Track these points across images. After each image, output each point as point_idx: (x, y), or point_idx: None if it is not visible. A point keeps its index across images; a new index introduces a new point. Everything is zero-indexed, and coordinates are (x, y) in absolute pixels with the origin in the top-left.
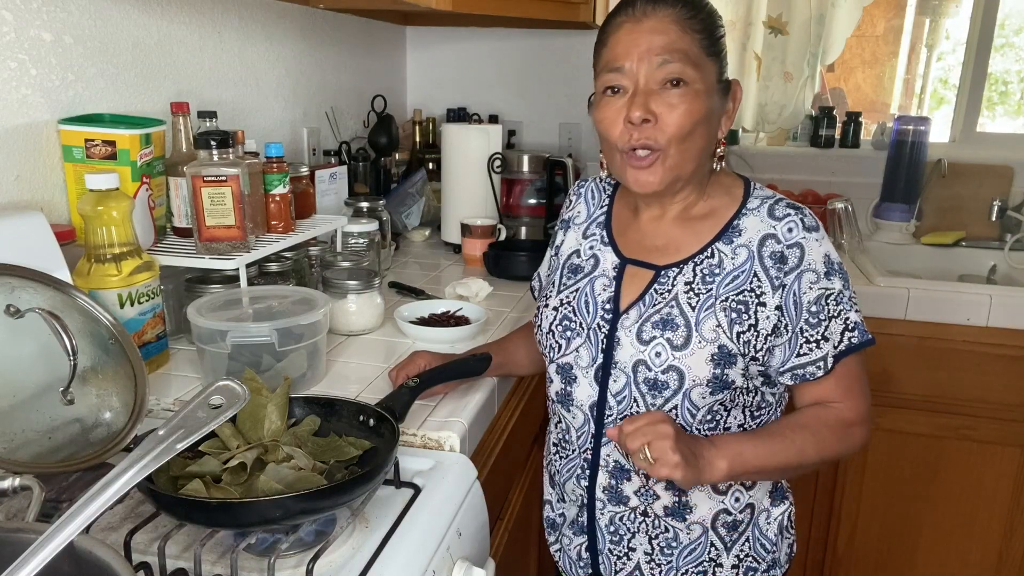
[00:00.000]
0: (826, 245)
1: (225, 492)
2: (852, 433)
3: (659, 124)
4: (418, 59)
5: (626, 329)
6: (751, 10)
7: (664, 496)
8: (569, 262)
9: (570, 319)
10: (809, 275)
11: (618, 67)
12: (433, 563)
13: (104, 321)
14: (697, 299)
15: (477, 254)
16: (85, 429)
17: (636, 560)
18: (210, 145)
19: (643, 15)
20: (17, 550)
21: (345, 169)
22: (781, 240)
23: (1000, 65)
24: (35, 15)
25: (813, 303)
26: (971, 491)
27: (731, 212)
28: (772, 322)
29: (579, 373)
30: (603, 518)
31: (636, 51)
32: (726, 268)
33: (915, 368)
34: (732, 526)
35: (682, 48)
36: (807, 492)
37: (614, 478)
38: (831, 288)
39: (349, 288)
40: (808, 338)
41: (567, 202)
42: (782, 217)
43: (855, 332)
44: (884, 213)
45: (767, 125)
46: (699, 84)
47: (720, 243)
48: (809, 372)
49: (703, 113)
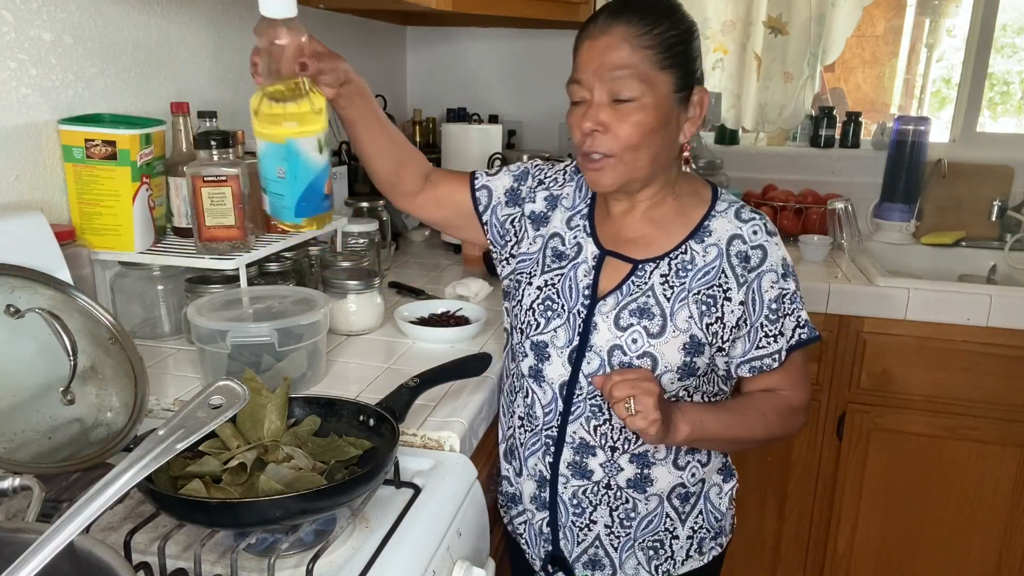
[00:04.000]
0: (783, 249)
1: (225, 492)
2: (795, 418)
3: (609, 134)
4: (418, 59)
5: (603, 315)
6: (751, 10)
7: (628, 468)
8: (553, 244)
9: (553, 300)
10: (770, 275)
11: (577, 79)
12: (433, 563)
13: (104, 321)
14: (672, 291)
15: (477, 254)
16: (85, 429)
17: (596, 532)
18: (210, 145)
19: (600, 33)
20: (17, 550)
21: (345, 169)
22: (747, 241)
23: (1000, 65)
24: (35, 15)
25: (773, 301)
26: (971, 491)
27: (701, 213)
28: (736, 315)
29: (553, 352)
30: (566, 492)
31: (591, 67)
32: (698, 264)
33: (915, 368)
34: (685, 497)
35: (632, 64)
36: (807, 492)
37: (579, 454)
38: (787, 288)
39: (349, 288)
40: (767, 333)
41: (560, 173)
42: (747, 220)
43: (805, 328)
44: (884, 213)
45: (767, 125)
46: (648, 98)
47: (692, 241)
48: (765, 364)
49: (652, 124)
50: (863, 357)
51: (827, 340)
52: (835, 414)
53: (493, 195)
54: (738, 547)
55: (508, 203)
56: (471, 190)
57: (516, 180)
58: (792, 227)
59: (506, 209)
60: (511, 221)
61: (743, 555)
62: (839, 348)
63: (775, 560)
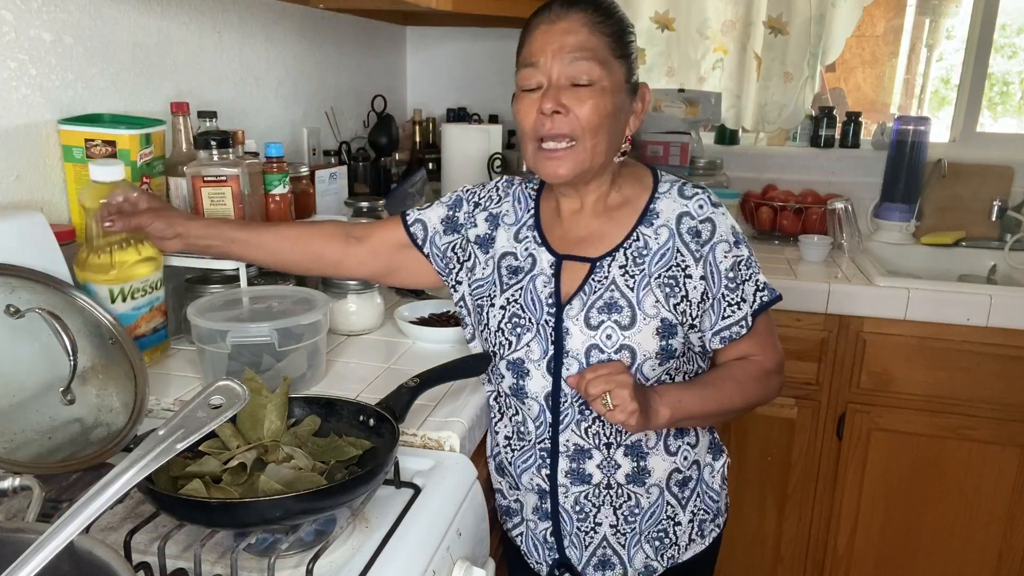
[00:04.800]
0: (730, 218)
1: (225, 492)
2: (771, 381)
3: (569, 116)
4: (418, 59)
5: (572, 319)
6: (751, 10)
7: (624, 463)
8: (506, 263)
9: (519, 315)
10: (722, 246)
11: (533, 63)
12: (433, 563)
13: (104, 321)
14: (633, 280)
15: None
16: (85, 429)
17: (603, 533)
18: (210, 145)
19: (557, 17)
20: (17, 550)
21: (345, 169)
22: (694, 216)
23: (1000, 65)
24: (35, 15)
25: (729, 270)
26: (971, 491)
27: (645, 198)
28: (699, 291)
29: (531, 367)
30: (567, 500)
31: (550, 48)
32: (652, 248)
33: (915, 368)
34: (683, 483)
35: (591, 47)
36: (807, 492)
37: (575, 461)
38: (741, 255)
39: (349, 288)
40: (730, 302)
41: (492, 191)
42: (691, 196)
43: (764, 291)
44: (884, 213)
45: (767, 125)
46: (606, 82)
47: (642, 227)
48: (734, 332)
49: (610, 109)
50: (863, 357)
51: (827, 340)
52: (835, 414)
53: (428, 226)
54: (738, 547)
55: (446, 231)
56: (405, 227)
57: (450, 208)
58: (792, 227)
59: (445, 237)
60: (452, 248)
61: (743, 555)
62: (839, 348)
63: (775, 560)
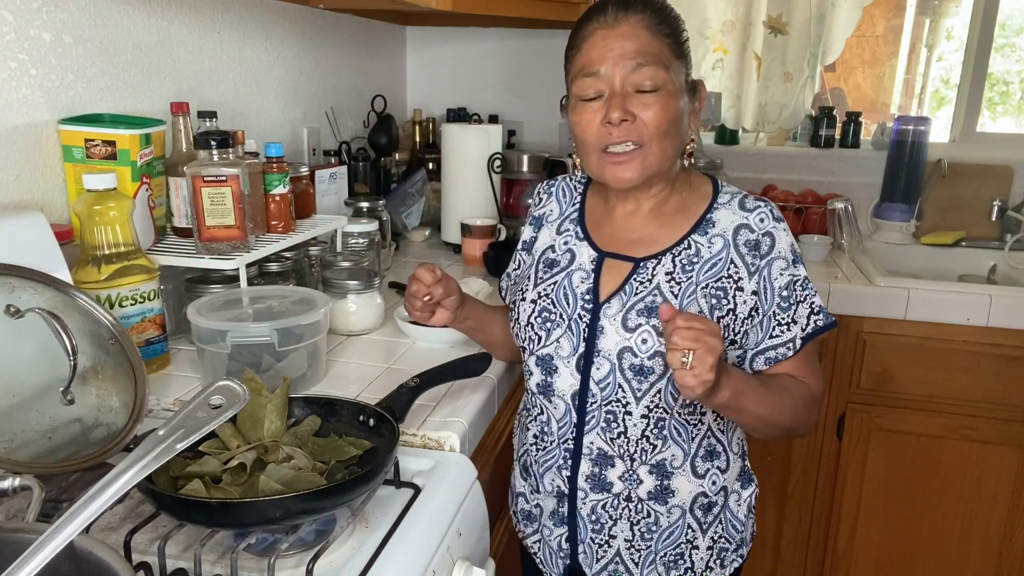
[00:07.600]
0: (790, 235)
1: (225, 492)
2: (813, 410)
3: (637, 123)
4: (418, 59)
5: (609, 318)
6: (751, 10)
7: (647, 480)
8: (544, 257)
9: (549, 311)
10: (780, 262)
11: (594, 71)
12: (433, 563)
13: (104, 321)
14: (679, 287)
15: (477, 254)
16: (85, 429)
17: (616, 547)
18: (210, 145)
19: (615, 21)
20: (17, 550)
21: (345, 169)
22: (755, 229)
23: (1000, 65)
24: (35, 15)
25: (784, 288)
26: (971, 491)
27: (703, 207)
28: (749, 306)
29: (560, 363)
30: (585, 507)
31: (611, 55)
32: (703, 256)
33: (915, 368)
34: (707, 508)
35: (653, 51)
36: (807, 492)
37: (597, 465)
38: (797, 275)
39: (349, 288)
40: (780, 321)
41: (536, 200)
42: (752, 209)
43: (820, 315)
44: (884, 213)
45: (767, 125)
46: (671, 85)
47: (695, 235)
48: (780, 353)
49: (675, 112)
50: (863, 357)
51: (827, 340)
52: (835, 414)
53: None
54: None
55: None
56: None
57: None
58: (792, 227)
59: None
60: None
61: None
62: (839, 348)
63: (775, 560)
